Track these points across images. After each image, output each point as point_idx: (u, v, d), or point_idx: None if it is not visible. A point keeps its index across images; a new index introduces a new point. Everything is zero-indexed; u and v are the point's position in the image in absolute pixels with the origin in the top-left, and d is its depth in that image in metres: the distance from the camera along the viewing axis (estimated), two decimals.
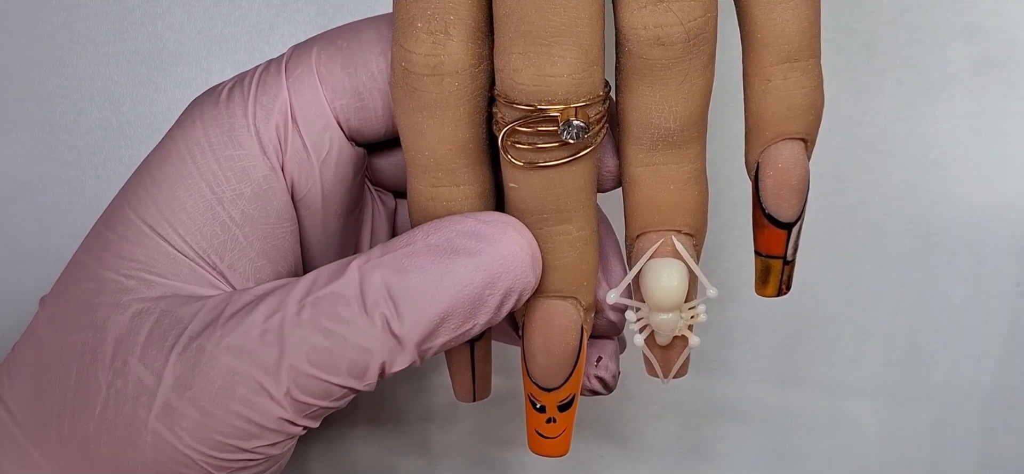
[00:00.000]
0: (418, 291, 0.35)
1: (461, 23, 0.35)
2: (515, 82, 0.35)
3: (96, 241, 0.37)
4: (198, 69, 0.52)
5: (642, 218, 0.38)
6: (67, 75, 0.51)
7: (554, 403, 0.38)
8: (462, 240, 0.35)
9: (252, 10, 0.51)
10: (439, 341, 0.35)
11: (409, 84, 0.36)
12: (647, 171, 0.37)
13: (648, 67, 0.35)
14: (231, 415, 0.34)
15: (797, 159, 0.37)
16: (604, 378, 0.41)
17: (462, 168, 0.36)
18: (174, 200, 0.36)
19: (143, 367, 0.35)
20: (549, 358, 0.37)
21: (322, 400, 0.35)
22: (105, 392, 0.35)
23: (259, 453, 0.35)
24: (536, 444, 0.39)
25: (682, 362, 0.39)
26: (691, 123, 0.36)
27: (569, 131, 0.35)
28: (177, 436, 0.34)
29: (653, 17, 0.34)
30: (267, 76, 0.37)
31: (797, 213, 0.37)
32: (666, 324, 0.38)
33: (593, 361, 0.40)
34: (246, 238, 0.37)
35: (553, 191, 0.36)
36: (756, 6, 0.36)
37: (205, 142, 0.37)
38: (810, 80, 0.37)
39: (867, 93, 0.51)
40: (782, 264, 0.38)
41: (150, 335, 0.35)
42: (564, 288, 0.37)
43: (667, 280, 0.37)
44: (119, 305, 0.36)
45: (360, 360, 0.35)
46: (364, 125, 0.38)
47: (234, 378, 0.34)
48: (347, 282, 0.35)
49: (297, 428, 0.35)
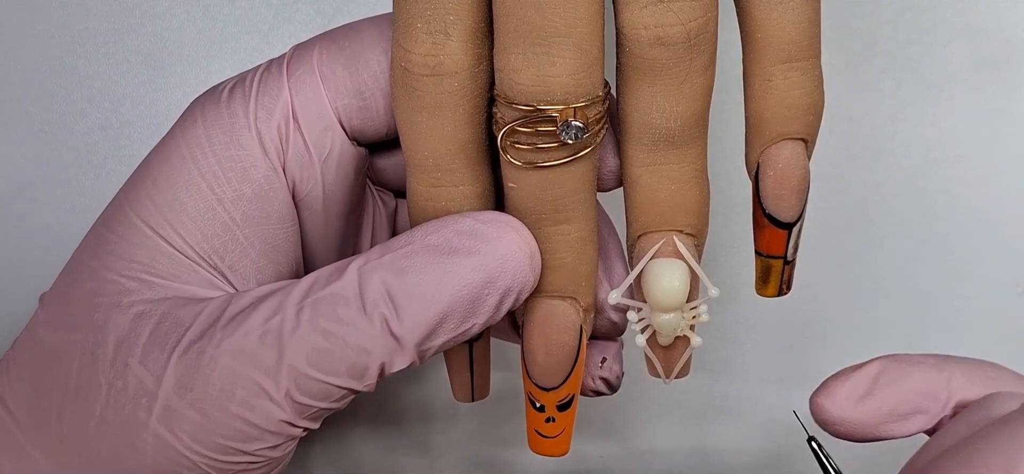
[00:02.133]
0: (417, 291, 0.35)
1: (461, 23, 0.35)
2: (514, 82, 0.35)
3: (96, 241, 0.37)
4: (198, 69, 0.51)
5: (643, 218, 0.38)
6: (67, 75, 0.51)
7: (553, 403, 0.38)
8: (461, 240, 0.35)
9: (252, 10, 0.51)
10: (438, 341, 0.35)
11: (409, 84, 0.35)
12: (648, 171, 0.37)
13: (649, 67, 0.35)
14: (231, 417, 0.34)
15: (797, 159, 0.37)
16: (608, 379, 0.41)
17: (462, 168, 0.36)
18: (175, 201, 0.36)
19: (144, 369, 0.35)
20: (548, 358, 0.37)
21: (322, 401, 0.35)
22: (106, 393, 0.35)
23: (260, 455, 0.35)
24: (536, 443, 0.39)
25: (684, 362, 0.39)
26: (692, 123, 0.36)
27: (568, 131, 0.35)
28: (178, 438, 0.34)
29: (654, 17, 0.34)
30: (268, 76, 0.37)
31: (797, 213, 0.37)
32: (668, 324, 0.38)
33: (597, 362, 0.40)
34: (247, 239, 0.37)
35: (552, 191, 0.36)
36: (756, 6, 0.36)
37: (206, 142, 0.37)
38: (810, 80, 0.37)
39: (867, 93, 0.51)
40: (783, 264, 0.38)
41: (151, 337, 0.35)
42: (562, 288, 0.37)
43: (669, 280, 0.37)
44: (120, 306, 0.36)
45: (359, 361, 0.35)
46: (366, 125, 0.38)
47: (234, 380, 0.34)
48: (346, 283, 0.35)
49: (297, 430, 0.35)
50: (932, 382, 0.38)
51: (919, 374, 0.38)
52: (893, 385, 0.38)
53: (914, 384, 0.38)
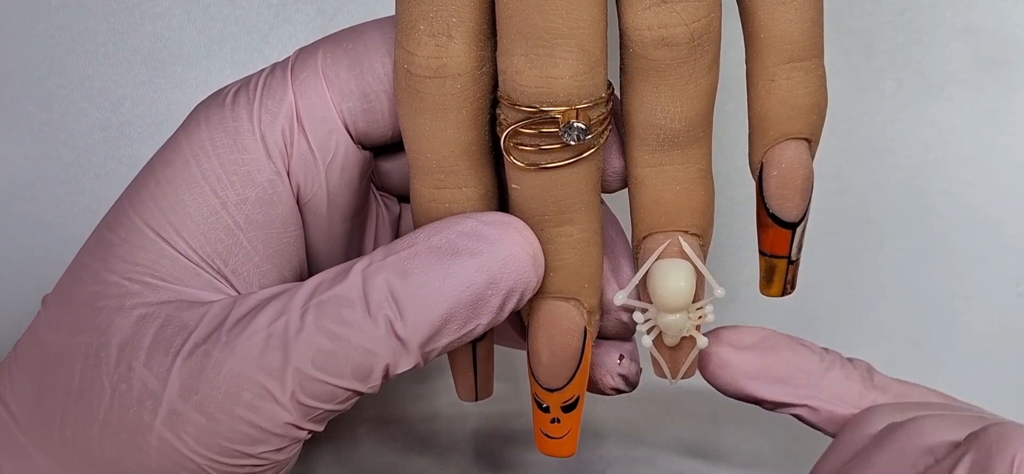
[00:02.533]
0: (420, 293, 0.35)
1: (463, 25, 0.35)
2: (517, 84, 0.35)
3: (99, 243, 0.37)
4: (198, 69, 0.51)
5: (649, 219, 0.38)
6: (67, 75, 0.51)
7: (558, 404, 0.38)
8: (463, 241, 0.35)
9: (252, 10, 0.51)
10: (442, 342, 0.35)
11: (412, 86, 0.35)
12: (653, 172, 0.37)
13: (653, 68, 0.35)
14: (237, 420, 0.34)
15: (801, 159, 0.37)
16: (627, 376, 0.41)
17: (465, 170, 0.36)
18: (178, 204, 0.36)
19: (148, 372, 0.35)
20: (552, 359, 0.37)
21: (327, 403, 0.35)
22: (109, 396, 0.35)
23: (265, 458, 0.35)
24: (542, 444, 0.39)
25: (690, 363, 0.39)
26: (696, 123, 0.36)
27: (571, 133, 0.35)
28: (182, 441, 0.34)
29: (657, 18, 0.35)
30: (272, 80, 0.37)
31: (801, 212, 0.37)
32: (674, 325, 0.38)
33: (614, 360, 0.40)
34: (250, 243, 0.37)
35: (555, 192, 0.36)
36: (759, 6, 0.36)
37: (210, 146, 0.37)
38: (813, 80, 0.37)
39: (867, 93, 0.51)
40: (786, 264, 0.38)
41: (155, 340, 0.35)
42: (565, 289, 0.37)
43: (675, 281, 0.37)
44: (123, 309, 0.36)
45: (364, 363, 0.35)
46: (371, 127, 0.37)
47: (239, 383, 0.34)
48: (350, 285, 0.35)
49: (302, 432, 0.35)
50: (809, 362, 0.41)
51: (801, 350, 0.41)
52: (773, 351, 0.41)
53: (792, 356, 0.41)
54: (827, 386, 0.41)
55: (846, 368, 0.41)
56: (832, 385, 0.41)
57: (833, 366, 0.41)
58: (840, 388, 0.41)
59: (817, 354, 0.41)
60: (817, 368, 0.41)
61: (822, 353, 0.41)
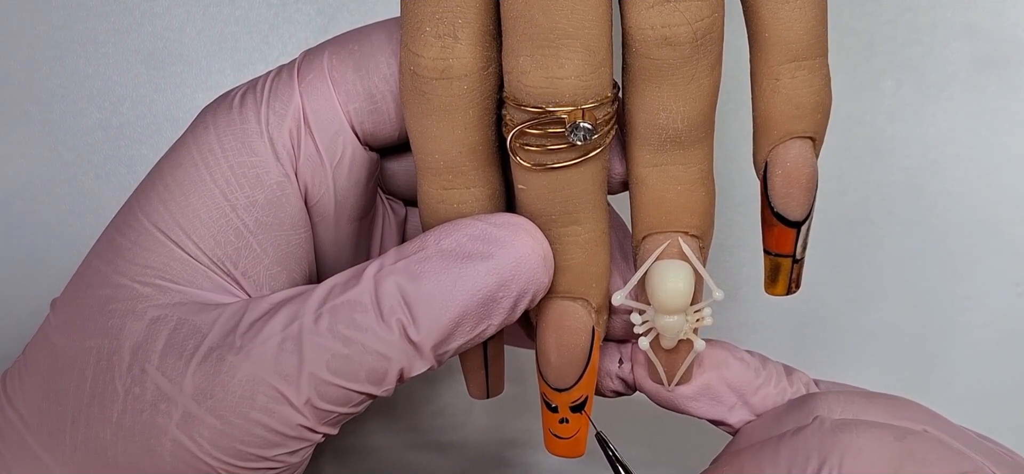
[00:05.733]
0: (432, 297, 0.35)
1: (469, 26, 0.35)
2: (523, 84, 0.35)
3: (108, 246, 0.37)
4: (198, 69, 0.51)
5: (649, 219, 0.38)
6: (67, 75, 0.51)
7: (566, 403, 0.38)
8: (474, 244, 0.35)
9: (252, 10, 0.51)
10: (455, 344, 0.35)
11: (418, 88, 0.35)
12: (654, 172, 0.37)
13: (655, 67, 0.35)
14: (252, 424, 0.34)
15: (805, 158, 0.37)
16: (627, 379, 0.41)
17: (472, 170, 0.36)
18: (187, 206, 0.36)
19: (161, 375, 0.35)
20: (560, 358, 0.38)
21: (342, 407, 0.35)
22: (123, 399, 0.35)
23: (279, 460, 0.35)
24: (551, 444, 0.39)
25: (687, 367, 0.39)
26: (698, 124, 0.36)
27: (577, 133, 0.35)
28: (197, 444, 0.34)
29: (660, 17, 0.35)
30: (279, 82, 0.37)
31: (806, 211, 0.37)
32: (672, 327, 0.38)
33: (615, 363, 0.40)
34: (260, 245, 0.37)
35: (562, 192, 0.36)
36: (763, 6, 0.36)
37: (218, 149, 0.36)
38: (818, 79, 0.37)
39: (867, 93, 0.52)
40: (791, 263, 0.38)
41: (168, 343, 0.35)
42: (573, 289, 0.37)
43: (673, 282, 0.37)
44: (134, 312, 0.35)
45: (379, 367, 0.35)
46: (378, 128, 0.37)
47: (254, 387, 0.34)
48: (363, 289, 0.35)
49: (317, 435, 0.35)
50: (744, 377, 0.41)
51: (736, 365, 0.41)
52: (712, 368, 0.40)
53: (728, 373, 0.41)
54: (758, 403, 0.41)
55: (781, 383, 0.41)
56: (763, 402, 0.41)
57: (768, 382, 0.41)
58: (771, 404, 0.41)
59: (753, 369, 0.41)
60: (752, 383, 0.41)
61: (759, 367, 0.41)
